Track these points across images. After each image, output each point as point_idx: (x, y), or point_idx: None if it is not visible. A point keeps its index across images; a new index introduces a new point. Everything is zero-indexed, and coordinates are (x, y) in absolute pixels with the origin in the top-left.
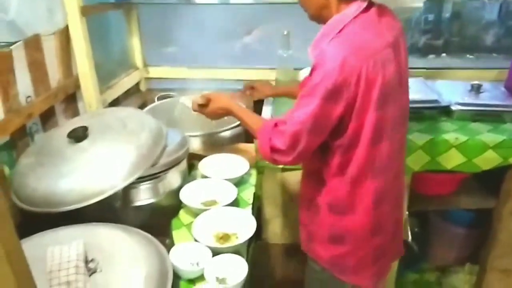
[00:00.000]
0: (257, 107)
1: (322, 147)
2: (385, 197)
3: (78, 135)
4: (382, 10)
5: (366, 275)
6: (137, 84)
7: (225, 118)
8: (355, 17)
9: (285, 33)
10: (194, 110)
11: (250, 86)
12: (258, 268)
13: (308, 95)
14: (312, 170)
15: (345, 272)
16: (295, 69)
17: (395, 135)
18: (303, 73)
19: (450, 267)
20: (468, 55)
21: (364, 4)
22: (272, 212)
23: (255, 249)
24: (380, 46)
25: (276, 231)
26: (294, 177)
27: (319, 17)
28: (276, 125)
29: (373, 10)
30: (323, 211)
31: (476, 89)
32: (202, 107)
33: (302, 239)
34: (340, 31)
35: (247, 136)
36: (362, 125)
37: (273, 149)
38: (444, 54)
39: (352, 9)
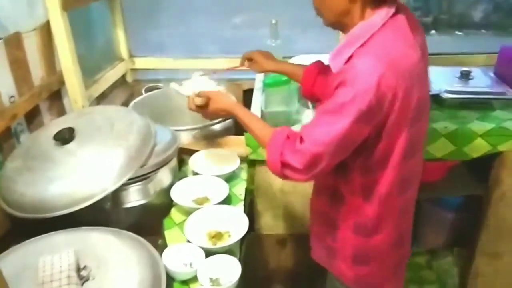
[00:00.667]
0: (246, 97)
1: (340, 164)
2: (409, 207)
3: (64, 137)
4: (407, 13)
5: (390, 284)
6: (123, 76)
7: None
8: (384, 24)
9: (274, 22)
10: (191, 109)
11: (249, 57)
12: (251, 259)
13: (335, 112)
14: (326, 185)
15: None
16: (284, 57)
17: (423, 145)
18: (292, 62)
19: (440, 250)
20: (457, 32)
21: (393, 10)
22: (264, 204)
23: (248, 240)
24: (416, 59)
25: (268, 223)
26: None
27: (339, 24)
28: (288, 137)
29: (400, 15)
30: (346, 231)
31: (466, 76)
32: (201, 107)
33: (317, 253)
34: (367, 40)
35: (237, 129)
36: (394, 144)
37: (285, 165)
38: (433, 31)
39: (381, 15)
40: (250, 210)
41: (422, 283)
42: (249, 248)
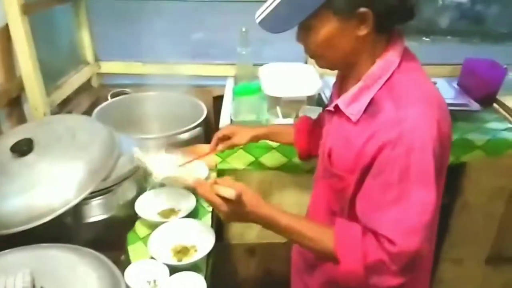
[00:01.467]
0: (216, 104)
1: None
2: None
3: (22, 149)
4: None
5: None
6: (89, 80)
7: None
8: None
9: (244, 30)
10: (205, 197)
11: (223, 135)
12: (220, 269)
13: (402, 185)
14: None
15: None
16: (255, 65)
17: None
18: (262, 70)
19: None
20: (424, 38)
21: (403, 40)
22: None
23: (217, 250)
24: (440, 94)
25: (237, 232)
26: (255, 177)
27: (343, 65)
28: (365, 234)
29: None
30: None
31: None
32: (227, 202)
33: None
34: (387, 80)
35: (207, 137)
36: (439, 195)
37: (372, 269)
38: None
39: (398, 50)
40: (218, 219)
41: None
42: (217, 259)
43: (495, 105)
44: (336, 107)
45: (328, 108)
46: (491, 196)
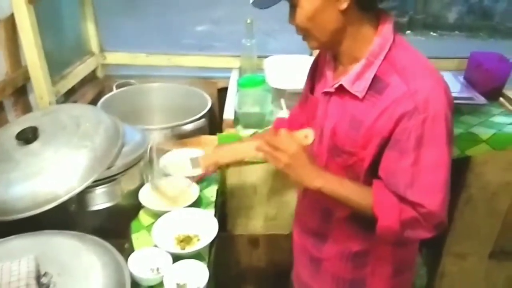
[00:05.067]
0: (221, 96)
1: None
2: None
3: (28, 137)
4: None
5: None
6: (94, 71)
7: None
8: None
9: (248, 21)
10: (273, 146)
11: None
12: (222, 259)
13: (418, 151)
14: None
15: None
16: (259, 57)
17: None
18: (267, 61)
19: None
20: (432, 33)
21: (393, 20)
22: (236, 204)
23: (220, 241)
24: None
25: (241, 223)
26: (257, 170)
27: (330, 43)
28: (403, 200)
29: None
30: (387, 273)
31: None
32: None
33: None
34: (386, 55)
35: (211, 129)
36: (451, 156)
37: (406, 225)
38: (408, 32)
39: (389, 28)
40: (222, 211)
41: None
42: (220, 249)
43: (501, 99)
44: (338, 88)
45: (325, 90)
46: (495, 191)
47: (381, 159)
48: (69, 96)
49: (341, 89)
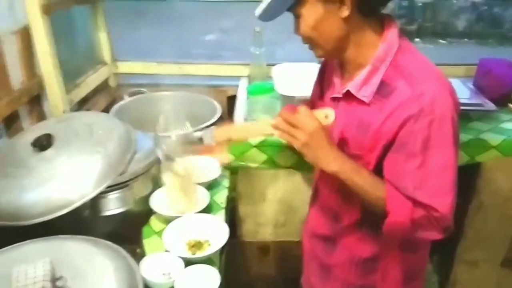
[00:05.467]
0: (230, 104)
1: None
2: None
3: (42, 144)
4: None
5: None
6: (106, 80)
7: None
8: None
9: (257, 30)
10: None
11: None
12: (232, 266)
13: (425, 153)
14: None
15: None
16: (268, 65)
17: None
18: (276, 69)
19: None
20: (440, 40)
21: (398, 25)
22: (246, 211)
23: (230, 247)
24: None
25: (251, 230)
26: (268, 176)
27: (335, 51)
28: (416, 204)
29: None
30: (397, 279)
31: None
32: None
33: None
34: (392, 61)
35: None
36: (457, 157)
37: (417, 223)
38: (417, 39)
39: (394, 33)
40: (232, 218)
41: None
42: (230, 256)
43: (510, 105)
44: (345, 93)
45: (333, 96)
46: (507, 197)
47: (384, 163)
48: (82, 105)
49: (348, 95)
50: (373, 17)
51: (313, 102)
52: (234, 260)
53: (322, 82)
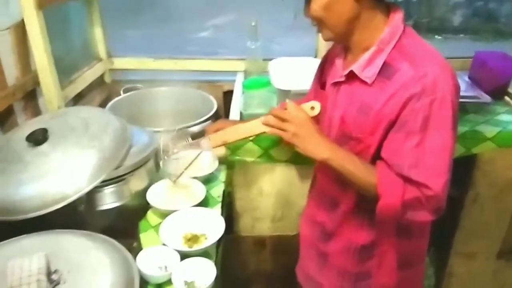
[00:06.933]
0: (227, 99)
1: None
2: None
3: (37, 138)
4: None
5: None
6: (102, 76)
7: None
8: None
9: (253, 24)
10: (281, 117)
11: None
12: (229, 261)
13: (424, 132)
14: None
15: None
16: (264, 60)
17: None
18: (272, 63)
19: None
20: (436, 36)
21: (402, 11)
22: (243, 205)
23: (226, 242)
24: None
25: (247, 224)
26: (264, 170)
27: (344, 34)
28: (407, 181)
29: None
30: (393, 264)
31: None
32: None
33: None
34: (396, 44)
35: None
36: (455, 140)
37: (408, 205)
38: None
39: (400, 17)
40: (229, 212)
41: None
42: (227, 250)
43: (506, 97)
44: (347, 75)
45: (335, 80)
46: (502, 189)
47: (384, 143)
48: (77, 100)
49: (351, 76)
50: (383, 0)
51: (313, 91)
52: (231, 255)
53: (323, 71)
